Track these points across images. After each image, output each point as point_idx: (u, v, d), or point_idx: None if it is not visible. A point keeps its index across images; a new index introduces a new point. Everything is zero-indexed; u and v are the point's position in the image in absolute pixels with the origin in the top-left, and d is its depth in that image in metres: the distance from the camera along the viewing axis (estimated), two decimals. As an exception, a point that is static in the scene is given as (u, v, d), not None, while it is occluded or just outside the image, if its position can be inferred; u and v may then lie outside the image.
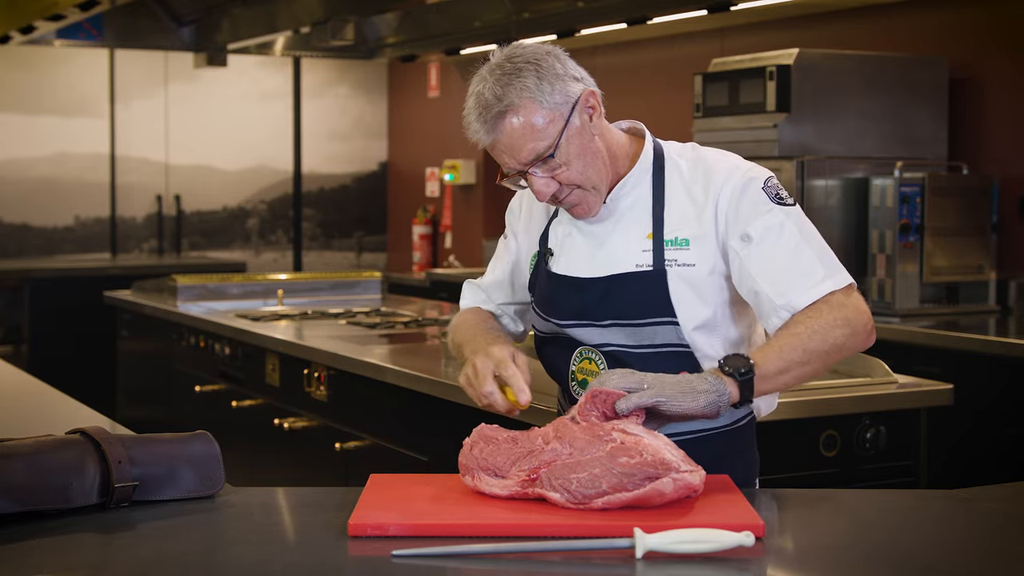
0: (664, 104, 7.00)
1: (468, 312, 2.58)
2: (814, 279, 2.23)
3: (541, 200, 2.30)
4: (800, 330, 2.17)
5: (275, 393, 4.65)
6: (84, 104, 8.73)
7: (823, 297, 2.21)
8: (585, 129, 2.26)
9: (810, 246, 2.26)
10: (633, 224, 2.33)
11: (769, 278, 2.23)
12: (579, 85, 2.26)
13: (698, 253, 2.28)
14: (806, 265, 2.24)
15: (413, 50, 8.05)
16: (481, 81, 2.24)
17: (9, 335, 7.83)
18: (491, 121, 2.21)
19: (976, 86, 5.49)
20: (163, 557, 1.82)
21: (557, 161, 2.24)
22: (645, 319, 2.28)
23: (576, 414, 2.08)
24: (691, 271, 2.28)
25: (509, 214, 2.58)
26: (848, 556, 1.83)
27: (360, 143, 9.59)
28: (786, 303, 2.22)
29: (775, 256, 2.24)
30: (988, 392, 4.41)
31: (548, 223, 2.45)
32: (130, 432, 2.26)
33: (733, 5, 5.60)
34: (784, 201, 2.29)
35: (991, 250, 5.23)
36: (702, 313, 2.29)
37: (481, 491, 2.06)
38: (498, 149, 2.25)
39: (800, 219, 2.30)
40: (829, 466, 3.32)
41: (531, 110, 2.20)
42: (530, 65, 2.22)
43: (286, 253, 9.46)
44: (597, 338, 2.33)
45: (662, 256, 2.29)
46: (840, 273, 2.26)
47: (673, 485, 1.95)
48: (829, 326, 2.18)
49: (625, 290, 2.30)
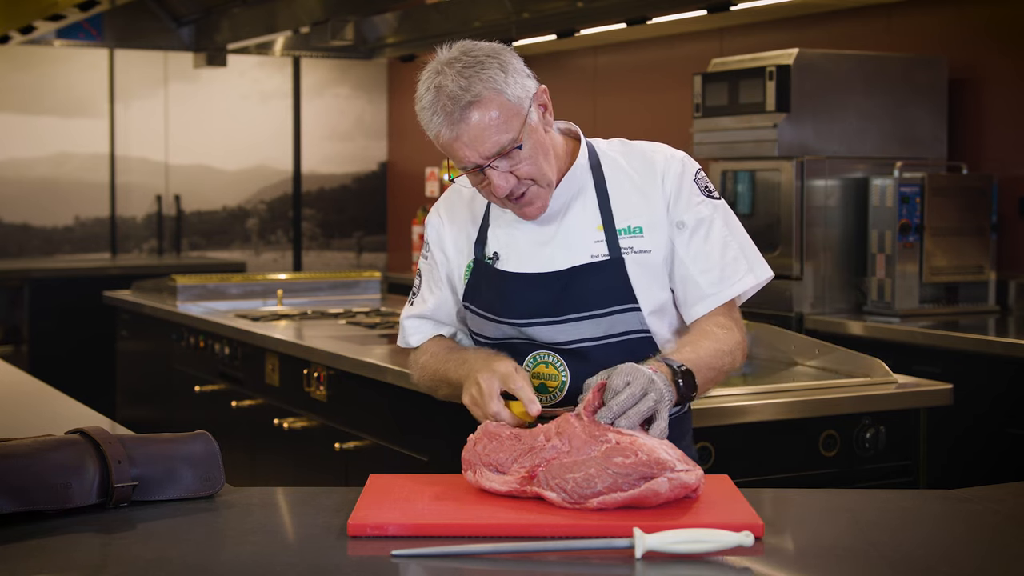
0: (664, 104, 7.00)
1: (429, 345, 2.51)
2: (739, 273, 2.36)
3: (499, 194, 2.26)
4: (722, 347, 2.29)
5: (275, 393, 4.65)
6: (84, 104, 8.73)
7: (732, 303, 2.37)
8: (539, 125, 2.28)
9: (735, 240, 2.39)
10: (580, 217, 2.36)
11: (701, 268, 2.35)
12: (532, 82, 2.28)
13: (652, 239, 2.35)
14: (732, 259, 2.37)
15: (413, 50, 8.04)
16: (437, 75, 2.20)
17: (9, 335, 7.83)
18: (457, 112, 2.18)
19: (976, 86, 5.49)
20: (163, 557, 1.82)
21: (520, 155, 2.23)
22: (607, 308, 2.31)
23: (581, 409, 2.09)
24: (647, 257, 2.34)
25: (431, 229, 2.50)
26: (847, 556, 1.83)
27: (360, 143, 9.59)
28: (715, 293, 2.35)
29: (706, 248, 2.35)
30: (987, 392, 4.41)
31: (480, 230, 2.43)
32: (130, 432, 2.26)
33: (733, 5, 5.59)
34: (712, 194, 2.41)
35: (991, 250, 5.23)
36: (659, 297, 2.36)
37: (482, 486, 2.07)
38: (460, 143, 2.20)
39: (727, 213, 2.41)
40: (829, 466, 3.32)
41: (497, 102, 2.19)
42: (491, 59, 2.21)
43: (286, 253, 9.46)
44: (557, 335, 2.33)
45: (617, 244, 2.33)
46: (760, 266, 2.40)
47: (668, 485, 1.95)
48: (732, 350, 2.32)
49: (586, 281, 2.32)
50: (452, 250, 2.47)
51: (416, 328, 2.53)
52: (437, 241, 2.49)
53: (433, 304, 2.50)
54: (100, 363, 7.19)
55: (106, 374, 6.88)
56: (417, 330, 2.53)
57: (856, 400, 3.33)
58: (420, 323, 2.53)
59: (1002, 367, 4.38)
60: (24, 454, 2.00)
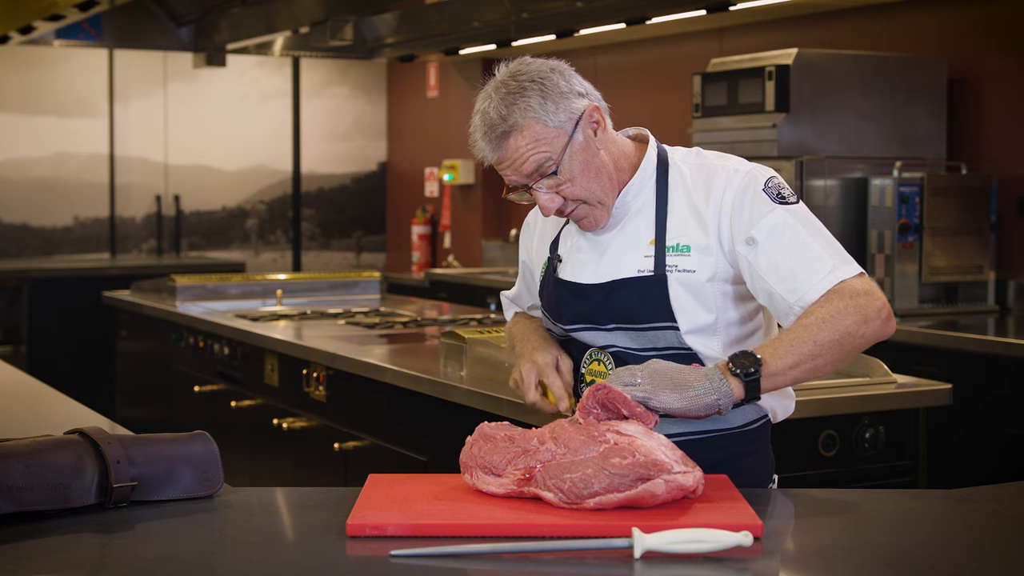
0: (663, 104, 7.00)
1: (518, 317, 2.68)
2: (822, 272, 2.24)
3: (546, 214, 2.33)
4: (810, 321, 2.18)
5: (274, 393, 4.65)
6: (83, 104, 8.72)
7: (834, 287, 2.22)
8: (589, 144, 2.29)
9: (815, 240, 2.28)
10: (636, 231, 2.36)
11: (778, 277, 2.25)
12: (583, 101, 2.28)
13: (699, 259, 2.30)
14: (813, 259, 2.25)
15: (412, 50, 8.04)
16: (486, 99, 2.28)
17: (8, 335, 7.83)
18: (495, 140, 2.26)
19: (975, 86, 5.49)
20: (162, 557, 1.82)
21: (561, 177, 2.27)
22: (645, 323, 2.31)
23: (577, 412, 2.09)
24: (691, 277, 2.30)
25: (525, 227, 2.64)
26: (846, 556, 1.83)
27: (359, 143, 9.59)
28: (798, 299, 2.24)
29: (781, 255, 2.26)
30: (987, 392, 4.41)
31: (559, 231, 2.49)
32: (129, 432, 2.26)
33: (732, 5, 5.60)
34: (786, 200, 2.30)
35: (990, 250, 5.23)
36: (703, 318, 2.30)
37: (479, 489, 2.07)
38: (502, 166, 2.30)
39: (804, 215, 2.31)
40: (828, 466, 3.32)
41: (534, 130, 2.25)
42: (534, 84, 2.25)
43: (285, 253, 9.46)
44: (602, 340, 2.36)
45: (663, 262, 2.31)
46: (849, 264, 2.27)
47: (665, 487, 1.95)
48: (839, 314, 2.18)
49: (626, 295, 2.32)
50: (536, 248, 2.57)
51: (507, 307, 2.77)
52: (527, 237, 2.62)
53: (514, 293, 2.72)
54: (99, 363, 7.19)
55: (105, 374, 6.88)
56: (508, 308, 2.77)
57: (855, 400, 3.33)
58: (508, 304, 2.77)
59: (1001, 367, 4.38)
60: (23, 454, 1.99)
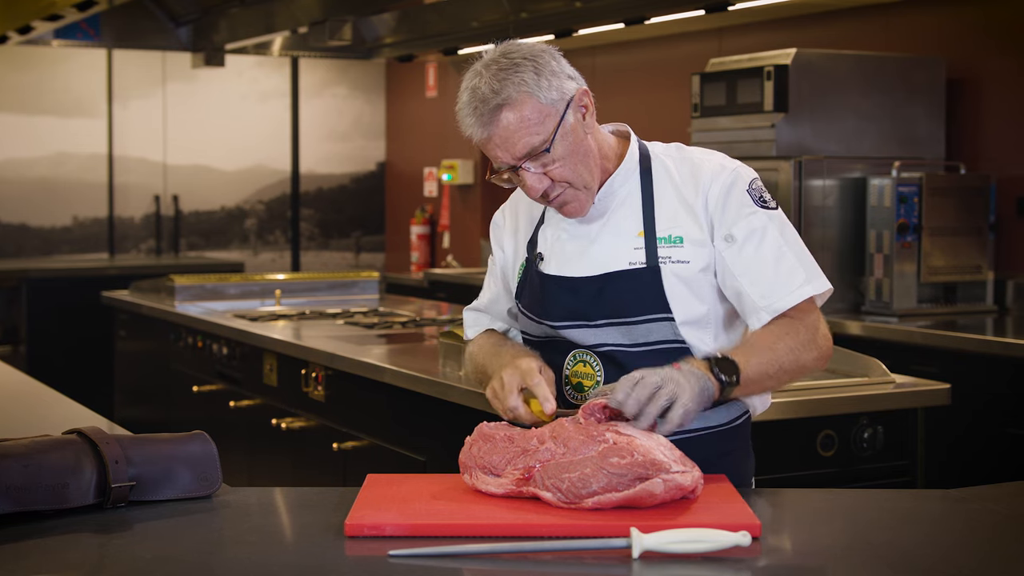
0: (662, 104, 7.00)
1: (480, 338, 2.56)
2: (794, 283, 2.29)
3: (532, 196, 2.29)
4: (779, 347, 2.24)
5: (273, 393, 4.65)
6: (82, 104, 8.72)
7: (800, 306, 2.28)
8: (578, 127, 2.27)
9: (791, 250, 2.31)
10: (623, 222, 2.35)
11: (751, 280, 2.28)
12: (573, 83, 2.28)
13: (692, 251, 2.30)
14: (787, 269, 2.29)
15: (411, 50, 8.04)
16: (476, 76, 2.24)
17: (7, 335, 7.83)
18: (487, 115, 2.21)
19: (974, 86, 5.49)
20: (160, 557, 1.82)
21: (551, 157, 2.24)
22: (639, 316, 2.29)
23: (579, 415, 2.09)
24: (684, 268, 2.30)
25: (494, 227, 2.56)
26: (845, 556, 1.83)
27: (358, 143, 9.58)
28: (767, 305, 2.28)
29: (757, 259, 2.29)
30: (985, 392, 4.41)
31: (535, 229, 2.45)
32: (127, 432, 2.26)
33: (731, 5, 5.60)
34: (767, 204, 2.34)
35: (989, 250, 5.23)
36: (697, 309, 2.31)
37: (479, 489, 2.07)
38: (492, 144, 2.24)
39: (782, 223, 2.34)
40: (826, 466, 3.32)
41: (528, 105, 2.21)
42: (527, 61, 2.23)
43: (284, 253, 9.46)
44: (591, 338, 2.33)
45: (655, 253, 2.30)
46: (819, 278, 2.32)
47: (663, 486, 1.95)
48: (803, 347, 2.26)
49: (619, 288, 2.30)
50: (510, 248, 2.51)
51: (473, 321, 2.60)
52: (498, 238, 2.54)
53: (488, 299, 2.57)
54: (98, 363, 7.19)
55: (104, 374, 6.87)
56: (474, 323, 2.60)
57: (854, 400, 3.33)
58: (477, 316, 2.60)
59: (1000, 367, 4.38)
60: (21, 454, 1.99)
